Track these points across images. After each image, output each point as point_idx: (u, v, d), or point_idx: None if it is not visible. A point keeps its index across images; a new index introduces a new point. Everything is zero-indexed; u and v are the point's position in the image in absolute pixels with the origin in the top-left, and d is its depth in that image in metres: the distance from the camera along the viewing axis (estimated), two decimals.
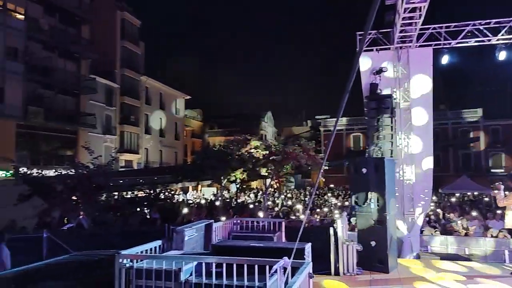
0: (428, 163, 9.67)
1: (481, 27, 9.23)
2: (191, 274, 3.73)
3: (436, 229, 12.75)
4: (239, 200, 20.88)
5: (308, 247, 4.71)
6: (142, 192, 14.53)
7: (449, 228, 12.76)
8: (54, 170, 9.98)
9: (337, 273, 7.32)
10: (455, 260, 8.55)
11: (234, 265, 3.60)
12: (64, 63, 26.34)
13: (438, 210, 15.53)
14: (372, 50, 9.99)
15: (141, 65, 36.39)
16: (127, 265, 3.74)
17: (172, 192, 16.77)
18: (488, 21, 9.19)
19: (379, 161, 7.82)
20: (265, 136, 44.25)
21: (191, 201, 20.23)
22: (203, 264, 3.72)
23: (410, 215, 9.60)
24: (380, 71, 9.72)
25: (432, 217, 13.65)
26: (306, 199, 23.52)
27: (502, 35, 9.14)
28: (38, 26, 23.58)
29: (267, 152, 14.14)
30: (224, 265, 3.63)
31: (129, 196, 14.27)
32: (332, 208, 16.67)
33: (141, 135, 35.55)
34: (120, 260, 3.74)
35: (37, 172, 9.41)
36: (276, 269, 3.64)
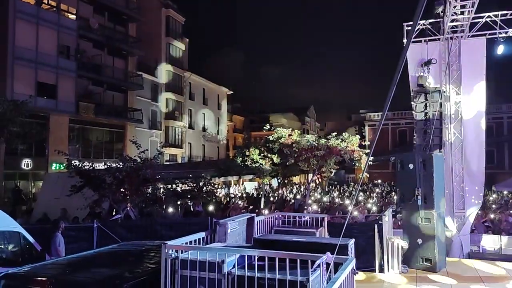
0: (480, 159, 9.19)
1: None
2: (233, 266, 3.78)
3: (490, 228, 12.13)
4: (280, 195, 20.89)
5: (351, 243, 4.62)
6: (186, 185, 14.87)
7: (504, 227, 12.09)
8: (103, 163, 10.43)
9: (381, 270, 7.16)
10: (509, 261, 8.10)
11: (276, 259, 3.60)
12: (112, 60, 27.40)
13: (492, 207, 14.76)
14: (420, 41, 9.60)
15: (185, 61, 37.15)
16: (173, 255, 3.84)
17: (215, 186, 17.07)
18: None
19: (427, 156, 7.53)
20: (307, 131, 43.90)
21: (233, 195, 20.49)
22: (246, 257, 3.75)
23: (461, 212, 9.18)
24: (429, 63, 9.34)
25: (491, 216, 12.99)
26: (350, 194, 23.12)
27: None
28: (88, 25, 24.67)
29: (309, 146, 13.98)
30: (266, 258, 3.64)
31: (173, 189, 14.66)
32: (377, 204, 16.28)
33: (184, 130, 36.37)
34: (167, 251, 3.84)
35: (88, 165, 9.85)
36: (319, 264, 3.60)
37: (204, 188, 13.78)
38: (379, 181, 35.37)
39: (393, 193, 20.88)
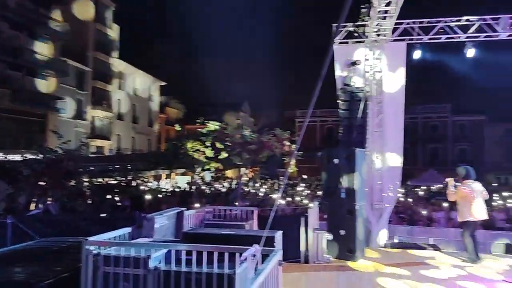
0: (397, 156, 9.91)
1: (451, 24, 9.46)
2: (160, 262, 3.72)
3: (404, 220, 13.16)
4: (212, 189, 20.85)
5: (278, 235, 4.75)
6: (113, 179, 14.30)
7: (416, 218, 13.20)
8: (21, 155, 9.65)
9: (306, 261, 7.47)
10: (421, 249, 8.87)
11: (204, 253, 3.60)
12: (33, 43, 25.37)
13: (406, 201, 16.01)
14: (347, 42, 10.09)
15: (115, 49, 35.49)
16: (95, 251, 3.69)
17: (145, 180, 16.58)
18: (458, 18, 9.43)
19: (351, 152, 7.96)
20: (242, 125, 44.16)
21: (164, 189, 20.06)
22: (173, 252, 3.71)
23: (380, 205, 9.84)
24: (354, 64, 9.83)
25: (400, 208, 14.07)
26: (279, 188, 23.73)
27: (472, 32, 9.41)
28: (4, 3, 22.58)
29: (243, 141, 14.17)
30: (194, 252, 3.63)
31: (99, 182, 14.02)
32: (304, 197, 16.91)
33: (113, 121, 34.83)
34: (87, 247, 3.68)
35: (1, 156, 9.09)
36: (246, 257, 3.66)
37: (133, 182, 13.36)
38: (305, 176, 36.73)
39: (320, 186, 21.78)
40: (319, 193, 17.95)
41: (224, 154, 14.57)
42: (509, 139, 42.70)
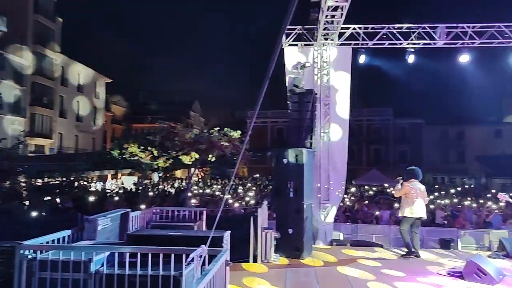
0: (343, 156, 10.24)
1: (394, 31, 9.94)
2: (102, 265, 3.57)
3: (349, 217, 13.64)
4: (161, 190, 20.41)
5: (226, 235, 4.74)
6: (54, 179, 13.56)
7: (361, 216, 13.72)
8: None
9: (255, 260, 7.50)
10: (364, 246, 9.23)
11: (149, 255, 3.51)
12: None
13: (351, 200, 16.60)
14: (297, 45, 10.27)
15: (57, 43, 33.71)
16: (30, 256, 3.46)
17: (88, 180, 15.87)
18: (400, 25, 9.92)
19: (299, 152, 8.11)
20: (191, 125, 43.66)
21: (109, 190, 19.34)
22: (116, 254, 3.58)
23: (326, 204, 10.12)
24: (303, 66, 10.05)
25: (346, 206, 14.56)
26: (231, 188, 23.73)
27: (412, 39, 9.94)
28: None
29: (192, 140, 13.93)
30: (139, 254, 3.52)
31: (39, 183, 13.24)
32: (254, 197, 17.02)
33: (54, 119, 33.07)
34: (22, 251, 3.45)
35: None
36: (193, 258, 3.61)
37: (76, 182, 12.74)
38: (256, 175, 37.05)
39: (270, 186, 22.05)
40: (270, 192, 18.16)
41: (172, 154, 14.25)
42: (444, 141, 45.65)
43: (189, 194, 15.63)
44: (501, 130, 43.94)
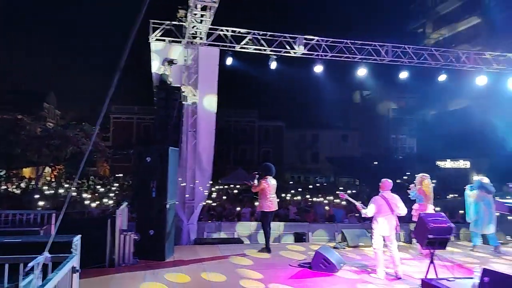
0: (210, 155, 10.33)
1: (259, 37, 10.45)
2: None
3: (213, 216, 13.87)
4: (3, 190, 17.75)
5: (76, 239, 4.32)
6: None
7: (226, 214, 14.08)
8: None
9: (112, 264, 7.06)
10: (227, 243, 9.47)
11: None
12: None
13: (217, 198, 16.92)
14: (164, 40, 10.01)
15: None
16: None
17: None
18: (264, 32, 10.48)
19: (164, 150, 7.90)
20: (45, 118, 39.20)
21: None
22: None
23: (191, 203, 10.08)
24: (171, 63, 9.85)
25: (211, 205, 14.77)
26: (89, 188, 21.94)
27: (275, 47, 10.59)
28: None
29: (42, 134, 12.48)
30: None
31: None
32: (115, 197, 16.06)
33: None
34: None
35: None
36: (32, 267, 3.19)
37: None
38: (118, 174, 35.17)
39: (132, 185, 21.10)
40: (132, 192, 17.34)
41: (17, 150, 12.54)
42: (302, 144, 50.00)
43: (37, 196, 13.96)
44: (347, 135, 50.00)
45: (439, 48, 11.74)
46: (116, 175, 35.22)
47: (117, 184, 25.88)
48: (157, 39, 9.89)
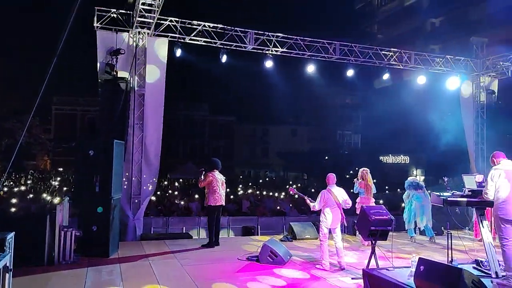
0: (157, 149, 10.08)
1: (209, 30, 10.32)
2: None
3: (161, 211, 13.62)
4: None
5: (10, 236, 4.05)
6: None
7: (173, 209, 13.86)
8: None
9: (51, 262, 6.72)
10: (174, 239, 9.32)
11: None
12: None
13: (165, 193, 16.61)
14: (111, 29, 9.60)
15: None
16: None
17: None
18: (215, 25, 10.37)
19: (108, 143, 7.61)
20: None
21: None
22: None
23: (137, 198, 9.80)
24: (117, 53, 9.48)
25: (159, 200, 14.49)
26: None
27: (225, 40, 10.51)
28: None
29: None
30: None
31: None
32: (56, 193, 15.28)
33: None
34: None
35: None
36: None
37: None
38: (60, 169, 33.52)
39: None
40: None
41: None
42: (252, 138, 50.25)
43: None
44: (296, 130, 50.91)
45: (383, 48, 12.23)
46: (58, 169, 33.48)
47: (59, 179, 24.66)
48: (102, 28, 9.46)
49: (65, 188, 17.65)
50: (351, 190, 8.96)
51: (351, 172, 28.33)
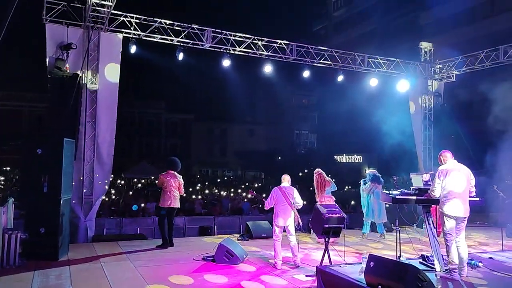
0: (111, 148, 9.79)
1: (166, 26, 10.15)
2: None
3: (115, 212, 13.23)
4: None
5: None
6: None
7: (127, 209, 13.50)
8: None
9: None
10: (127, 240, 9.09)
11: None
12: None
13: (118, 193, 16.14)
14: (61, 23, 9.19)
15: None
16: None
17: None
18: (172, 22, 10.21)
19: (57, 142, 7.29)
20: None
21: None
22: None
23: (89, 198, 9.47)
24: (68, 47, 9.11)
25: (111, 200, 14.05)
26: None
27: (182, 38, 10.37)
28: None
29: None
30: None
31: None
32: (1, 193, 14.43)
33: None
34: None
35: None
36: None
37: None
38: (6, 168, 31.73)
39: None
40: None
41: None
42: (210, 137, 49.91)
43: None
44: (253, 129, 51.16)
45: (338, 50, 12.57)
46: (3, 168, 31.61)
47: (3, 178, 23.31)
48: (52, 21, 9.04)
49: (11, 188, 16.71)
50: (311, 188, 9.11)
51: (306, 171, 28.91)
